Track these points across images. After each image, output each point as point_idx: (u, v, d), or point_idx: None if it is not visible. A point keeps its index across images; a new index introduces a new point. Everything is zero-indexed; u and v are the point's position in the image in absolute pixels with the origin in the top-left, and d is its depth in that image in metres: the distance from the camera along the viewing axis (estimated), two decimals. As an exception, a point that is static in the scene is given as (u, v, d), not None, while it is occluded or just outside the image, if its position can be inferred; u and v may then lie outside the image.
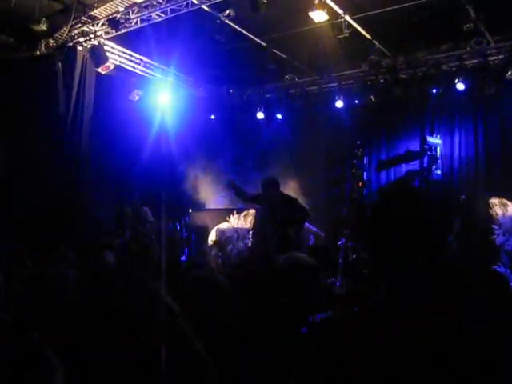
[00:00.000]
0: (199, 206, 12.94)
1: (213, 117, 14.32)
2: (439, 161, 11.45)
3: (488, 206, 9.52)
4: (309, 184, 12.39)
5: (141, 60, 12.31)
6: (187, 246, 12.36)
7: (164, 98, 13.03)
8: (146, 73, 12.64)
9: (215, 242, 11.76)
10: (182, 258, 11.73)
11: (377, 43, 10.94)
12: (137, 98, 12.45)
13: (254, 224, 11.83)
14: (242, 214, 11.97)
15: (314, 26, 10.00)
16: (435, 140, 11.47)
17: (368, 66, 11.78)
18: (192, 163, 12.69)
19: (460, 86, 11.11)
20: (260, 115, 13.83)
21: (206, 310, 2.78)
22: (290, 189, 12.35)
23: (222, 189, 10.88)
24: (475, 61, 10.99)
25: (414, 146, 12.00)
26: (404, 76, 11.77)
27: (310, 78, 13.08)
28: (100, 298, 2.07)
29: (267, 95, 13.80)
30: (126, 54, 11.97)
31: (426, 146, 11.11)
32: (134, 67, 12.27)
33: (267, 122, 13.93)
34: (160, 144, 12.55)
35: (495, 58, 10.77)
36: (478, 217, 9.66)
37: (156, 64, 12.65)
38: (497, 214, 9.45)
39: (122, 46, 11.70)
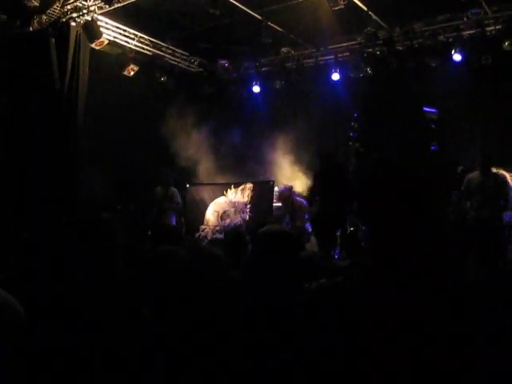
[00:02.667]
0: (196, 181, 12.95)
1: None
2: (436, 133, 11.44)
3: (485, 177, 9.53)
4: (308, 157, 12.41)
5: (135, 35, 12.19)
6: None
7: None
8: (141, 48, 12.51)
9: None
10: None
11: (373, 15, 10.85)
12: (132, 73, 12.36)
13: (251, 198, 11.85)
14: (240, 188, 11.99)
15: (310, -2, 9.92)
16: (432, 112, 11.43)
17: (364, 39, 11.70)
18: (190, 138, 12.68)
19: (457, 57, 11.06)
20: (256, 89, 13.78)
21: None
22: (288, 162, 12.41)
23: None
24: (472, 31, 10.91)
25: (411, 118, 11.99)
26: (401, 48, 11.71)
27: (306, 51, 12.99)
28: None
29: (263, 69, 13.72)
30: (119, 28, 11.85)
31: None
32: (128, 42, 12.16)
33: (263, 95, 13.88)
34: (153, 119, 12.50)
35: (492, 28, 10.70)
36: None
37: (150, 39, 12.54)
38: (494, 185, 9.46)
39: (115, 21, 11.58)
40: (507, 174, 9.71)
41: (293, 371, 1.78)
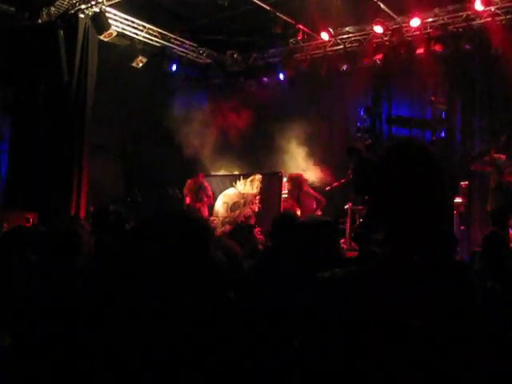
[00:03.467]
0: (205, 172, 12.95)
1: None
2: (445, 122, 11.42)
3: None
4: (317, 149, 12.39)
5: (143, 26, 12.16)
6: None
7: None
8: (149, 39, 12.49)
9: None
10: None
11: (382, 4, 10.77)
12: (140, 64, 12.34)
13: (260, 189, 11.85)
14: (249, 179, 11.99)
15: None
16: (441, 102, 11.38)
17: (374, 28, 11.63)
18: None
19: (466, 47, 10.98)
20: (265, 80, 13.74)
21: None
22: (299, 153, 12.35)
23: None
24: (482, 21, 10.81)
25: (420, 108, 11.95)
26: (410, 38, 11.62)
27: (314, 41, 12.90)
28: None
29: (271, 60, 13.67)
30: (128, 20, 11.82)
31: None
32: (136, 34, 12.13)
33: (272, 86, 13.83)
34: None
35: (503, 18, 10.60)
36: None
37: (159, 30, 12.50)
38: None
39: (124, 12, 11.56)
40: None
41: (293, 371, 1.77)
